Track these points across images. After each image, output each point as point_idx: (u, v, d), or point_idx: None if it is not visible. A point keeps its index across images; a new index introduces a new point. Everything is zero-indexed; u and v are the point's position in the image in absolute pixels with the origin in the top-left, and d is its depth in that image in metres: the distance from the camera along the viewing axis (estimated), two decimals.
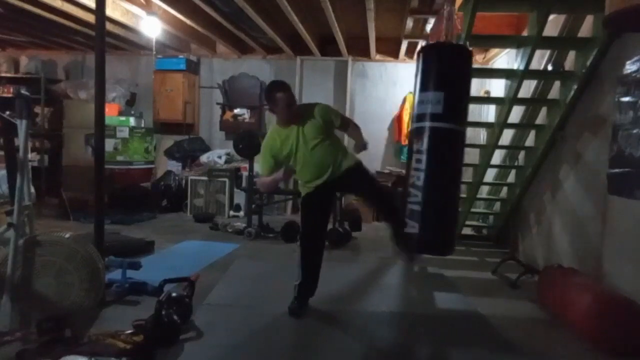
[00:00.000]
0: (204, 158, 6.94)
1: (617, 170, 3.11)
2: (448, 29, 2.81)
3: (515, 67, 4.17)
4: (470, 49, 3.31)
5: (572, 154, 3.89)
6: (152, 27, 5.60)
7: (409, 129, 2.76)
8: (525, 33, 4.12)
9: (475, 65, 6.53)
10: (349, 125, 3.21)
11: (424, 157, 2.50)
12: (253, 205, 5.49)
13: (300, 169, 3.02)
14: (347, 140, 4.09)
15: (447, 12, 2.84)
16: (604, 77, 3.47)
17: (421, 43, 6.18)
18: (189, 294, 2.85)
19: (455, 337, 2.86)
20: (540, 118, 4.52)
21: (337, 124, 3.09)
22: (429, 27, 5.36)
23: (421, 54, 2.78)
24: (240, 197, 6.54)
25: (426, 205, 2.51)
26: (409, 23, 5.34)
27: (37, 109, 6.75)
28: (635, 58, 2.99)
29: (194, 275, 3.06)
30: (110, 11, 5.02)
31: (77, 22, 5.58)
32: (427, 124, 2.55)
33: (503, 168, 5.22)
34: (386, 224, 3.14)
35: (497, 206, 5.44)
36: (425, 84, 2.63)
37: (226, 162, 6.83)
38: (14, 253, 2.53)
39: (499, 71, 5.27)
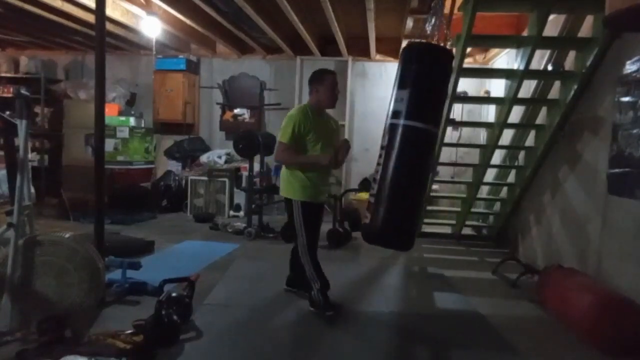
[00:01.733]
0: (204, 158, 6.94)
1: (617, 170, 3.11)
2: (439, 32, 2.79)
3: (515, 67, 4.17)
4: (450, 48, 3.31)
5: (572, 154, 3.89)
6: (152, 27, 5.60)
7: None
8: (525, 33, 4.12)
9: (475, 65, 6.58)
10: None
11: (382, 152, 2.56)
12: (253, 205, 5.49)
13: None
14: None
15: (436, 16, 2.82)
16: (604, 77, 3.47)
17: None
18: (189, 294, 2.85)
19: (455, 337, 2.86)
20: (540, 118, 4.52)
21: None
22: (428, 27, 5.36)
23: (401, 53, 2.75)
24: (240, 197, 6.54)
25: (377, 198, 2.52)
26: (409, 23, 5.34)
27: (37, 109, 6.75)
28: (635, 58, 2.99)
29: (194, 275, 3.06)
30: (110, 11, 5.02)
31: (77, 22, 5.58)
32: (388, 121, 2.60)
33: (503, 168, 5.22)
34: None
35: (497, 206, 5.44)
36: (394, 83, 2.63)
37: (226, 162, 6.83)
38: (14, 253, 2.53)
39: (499, 71, 5.28)
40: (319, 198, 3.14)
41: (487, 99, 5.98)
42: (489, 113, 6.19)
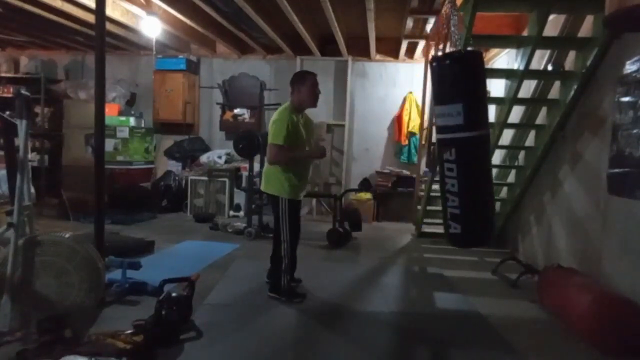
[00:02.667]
0: (204, 158, 6.94)
1: (617, 170, 3.11)
2: (453, 33, 2.79)
3: (515, 67, 4.17)
4: (481, 51, 3.38)
5: (572, 154, 3.89)
6: (152, 27, 5.60)
7: (435, 140, 2.96)
8: (525, 33, 4.12)
9: None
10: None
11: (454, 166, 2.68)
12: (253, 205, 5.49)
13: (299, 163, 3.25)
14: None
15: (452, 17, 2.81)
16: (604, 77, 3.47)
17: (421, 43, 6.19)
18: (189, 294, 2.85)
19: (455, 337, 2.86)
20: (540, 118, 4.52)
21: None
22: (429, 27, 5.37)
23: (433, 65, 2.79)
24: (240, 197, 6.54)
25: (464, 209, 2.70)
26: (409, 23, 5.34)
27: (37, 109, 6.75)
28: (635, 58, 2.99)
29: (194, 275, 3.06)
30: (110, 11, 5.02)
31: (77, 22, 5.58)
32: (450, 135, 2.69)
33: (503, 168, 5.22)
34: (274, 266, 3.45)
35: (497, 206, 5.44)
36: (442, 97, 2.72)
37: (226, 162, 6.84)
38: (14, 253, 2.53)
39: (499, 71, 5.26)
40: (301, 195, 3.37)
41: (487, 99, 5.97)
42: (489, 113, 6.19)
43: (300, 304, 3.24)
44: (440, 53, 4.60)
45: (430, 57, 4.98)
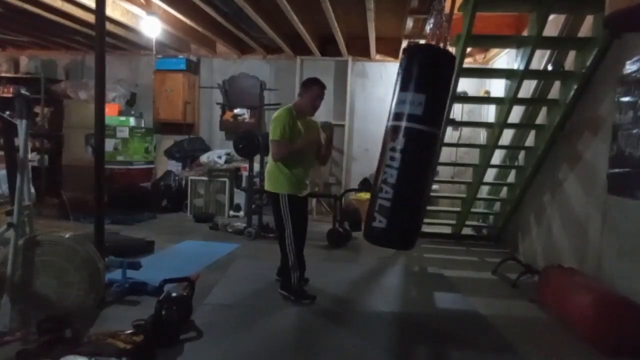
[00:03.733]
0: (204, 158, 6.94)
1: (617, 170, 3.11)
2: (440, 31, 2.80)
3: (515, 67, 4.17)
4: (452, 52, 3.39)
5: (572, 154, 3.89)
6: (152, 27, 5.60)
7: (386, 126, 2.73)
8: (525, 33, 4.12)
9: (475, 65, 6.58)
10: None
11: (399, 157, 2.52)
12: (253, 205, 5.49)
13: (298, 159, 3.28)
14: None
15: (437, 14, 2.81)
16: (604, 77, 3.48)
17: (421, 43, 6.19)
18: (189, 294, 2.85)
19: (455, 337, 2.87)
20: (540, 118, 4.52)
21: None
22: (429, 27, 5.37)
23: (406, 54, 2.74)
24: (240, 197, 6.54)
25: (395, 203, 2.52)
26: (409, 23, 5.35)
27: (37, 109, 6.75)
28: (635, 58, 2.99)
29: (194, 275, 3.06)
30: (110, 11, 5.02)
31: (77, 22, 5.58)
32: (404, 124, 2.54)
33: (503, 168, 5.22)
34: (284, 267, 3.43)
35: (497, 206, 5.44)
36: (406, 84, 2.60)
37: (226, 162, 6.83)
38: (14, 253, 2.53)
39: (499, 71, 5.28)
40: (302, 192, 3.36)
41: (487, 99, 5.98)
42: (489, 113, 6.20)
43: (309, 305, 3.23)
44: None
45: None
